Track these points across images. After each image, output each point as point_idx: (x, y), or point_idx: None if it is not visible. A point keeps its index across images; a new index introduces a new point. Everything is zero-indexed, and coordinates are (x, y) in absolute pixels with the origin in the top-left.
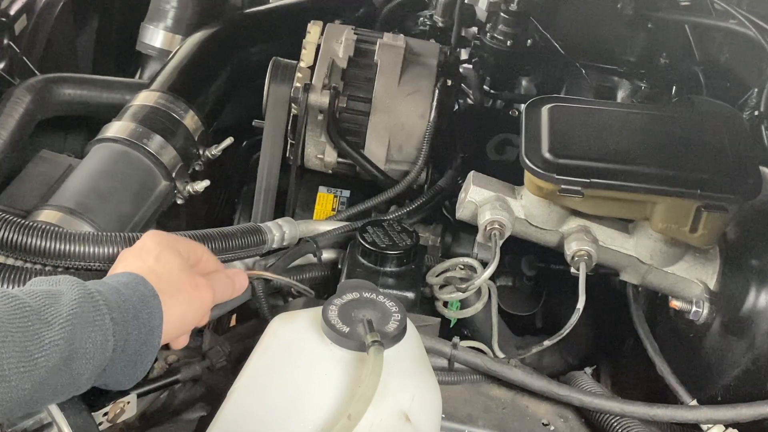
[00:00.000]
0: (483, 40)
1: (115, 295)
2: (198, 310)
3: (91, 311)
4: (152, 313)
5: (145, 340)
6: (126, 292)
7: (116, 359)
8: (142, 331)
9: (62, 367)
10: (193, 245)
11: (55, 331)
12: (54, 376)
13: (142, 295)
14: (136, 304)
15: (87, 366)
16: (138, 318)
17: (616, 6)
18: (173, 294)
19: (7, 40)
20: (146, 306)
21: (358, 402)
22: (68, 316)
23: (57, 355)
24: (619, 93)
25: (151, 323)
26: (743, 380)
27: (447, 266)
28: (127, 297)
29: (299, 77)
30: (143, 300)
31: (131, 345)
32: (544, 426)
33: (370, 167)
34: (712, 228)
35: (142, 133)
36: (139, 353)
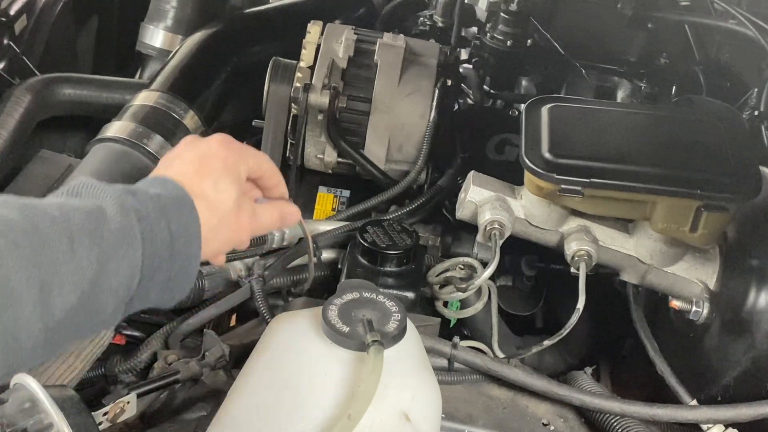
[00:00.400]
0: (483, 40)
1: (157, 219)
2: (236, 242)
3: (124, 243)
4: (191, 243)
5: (179, 269)
6: (171, 214)
7: (147, 290)
8: (176, 259)
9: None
10: (259, 160)
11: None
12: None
13: (186, 223)
14: (175, 232)
15: (110, 300)
16: (173, 246)
17: (616, 6)
18: (218, 229)
19: (7, 40)
20: (186, 236)
21: (358, 402)
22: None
23: (75, 297)
24: (619, 93)
25: (188, 251)
26: (743, 380)
27: (447, 266)
28: (167, 223)
29: (299, 77)
30: (186, 230)
31: (162, 274)
32: (544, 426)
33: (370, 167)
34: (712, 228)
35: (142, 133)
36: (172, 280)
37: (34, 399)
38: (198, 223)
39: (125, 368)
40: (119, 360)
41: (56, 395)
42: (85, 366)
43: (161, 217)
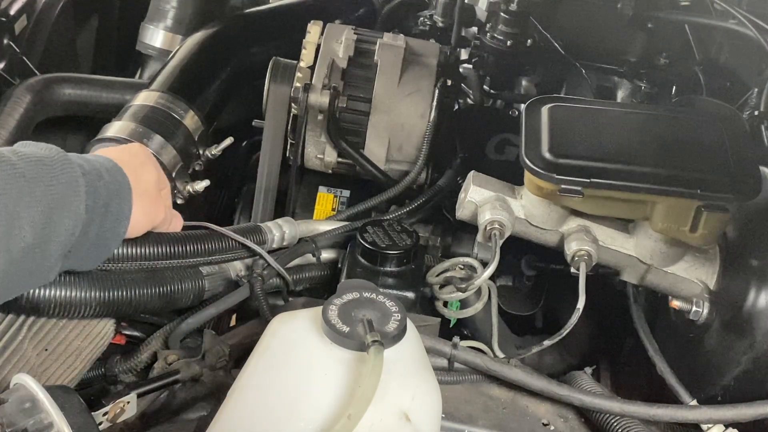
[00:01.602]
0: (483, 40)
1: (96, 180)
2: (153, 219)
3: (71, 195)
4: (123, 203)
5: (111, 227)
6: (107, 178)
7: (80, 243)
8: (109, 218)
9: (36, 249)
10: (164, 177)
11: (37, 210)
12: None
13: (119, 184)
14: (111, 191)
15: (55, 248)
16: (108, 207)
17: (616, 6)
18: (143, 199)
19: (7, 40)
20: (120, 196)
21: (358, 402)
22: (53, 196)
23: (31, 236)
24: (619, 93)
25: (120, 213)
26: (743, 380)
27: (447, 266)
28: (106, 183)
29: (299, 77)
30: (119, 190)
31: (95, 229)
32: (544, 426)
33: (370, 167)
34: (712, 228)
35: (142, 132)
36: (103, 239)
37: (34, 399)
38: (129, 187)
39: (125, 368)
40: (119, 360)
41: (56, 395)
42: (85, 366)
43: (100, 177)
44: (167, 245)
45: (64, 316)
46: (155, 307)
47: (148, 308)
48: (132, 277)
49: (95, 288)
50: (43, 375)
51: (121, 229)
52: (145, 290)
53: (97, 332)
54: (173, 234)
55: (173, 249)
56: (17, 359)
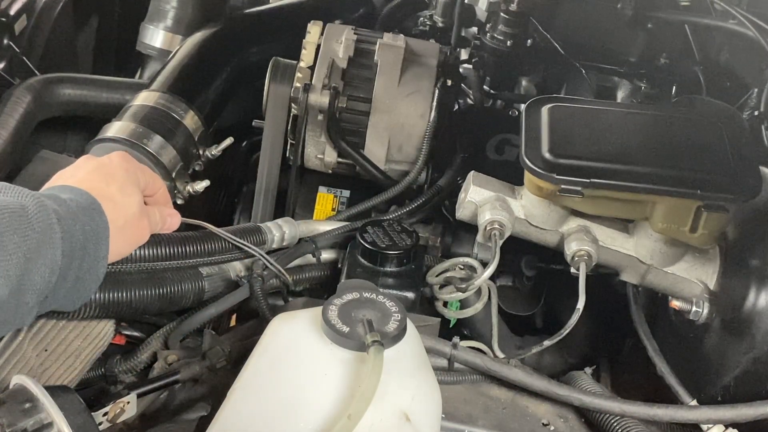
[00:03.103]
0: (483, 40)
1: (71, 222)
2: (136, 244)
3: (47, 244)
4: (100, 243)
5: (89, 268)
6: (83, 218)
7: (58, 287)
8: (86, 260)
9: (11, 300)
10: (153, 178)
11: (11, 262)
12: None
13: (96, 224)
14: (88, 233)
15: (32, 297)
16: (86, 249)
17: (616, 6)
18: (123, 230)
19: (7, 40)
20: (97, 236)
21: (358, 402)
22: (28, 246)
23: (7, 289)
24: (619, 93)
25: (97, 254)
26: (743, 380)
27: (447, 266)
28: (82, 226)
29: (299, 77)
30: (96, 230)
31: (73, 273)
32: (544, 426)
33: (370, 167)
34: (712, 228)
35: (142, 133)
36: (82, 281)
37: (34, 399)
38: (107, 225)
39: (125, 368)
40: (119, 360)
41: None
42: (85, 366)
43: (76, 220)
44: (167, 246)
45: (64, 317)
46: (155, 308)
47: (148, 309)
48: (132, 279)
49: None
50: (43, 375)
51: (99, 269)
52: (145, 291)
53: (97, 333)
54: (173, 235)
55: (173, 250)
56: (17, 359)
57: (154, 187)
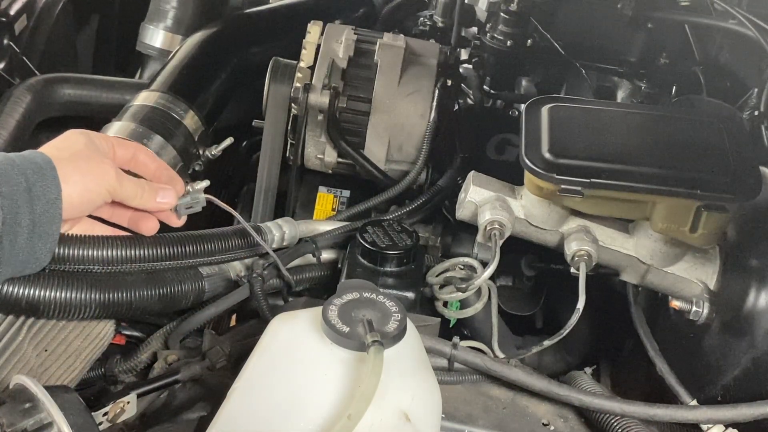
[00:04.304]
0: (483, 40)
1: (7, 168)
2: (100, 180)
3: None
4: (48, 184)
5: (43, 211)
6: (20, 163)
7: (14, 233)
8: (36, 203)
9: None
10: (131, 149)
11: None
12: None
13: (36, 165)
14: (29, 176)
15: None
16: (31, 191)
17: (616, 6)
18: (72, 160)
19: (7, 40)
20: (41, 177)
21: (358, 402)
22: None
23: None
24: (619, 93)
25: (47, 194)
26: (743, 380)
27: (447, 266)
28: (20, 169)
29: (299, 77)
30: (38, 171)
31: (25, 217)
32: (544, 426)
33: (370, 167)
34: (712, 228)
35: (142, 133)
36: (38, 224)
37: (34, 399)
38: (51, 164)
39: (125, 368)
40: (119, 360)
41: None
42: (85, 366)
43: (12, 167)
44: (167, 246)
45: (64, 318)
46: (155, 308)
47: (148, 309)
48: (132, 279)
49: (95, 289)
50: (43, 375)
51: (55, 210)
52: (145, 291)
53: (97, 333)
54: (173, 235)
55: (173, 250)
56: (17, 360)
57: (126, 152)
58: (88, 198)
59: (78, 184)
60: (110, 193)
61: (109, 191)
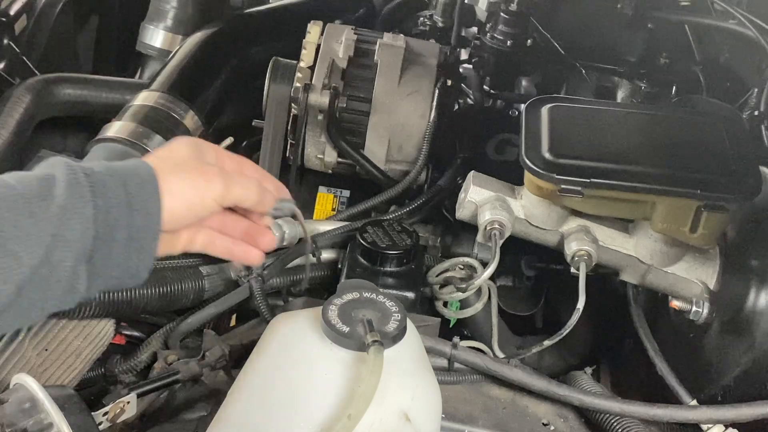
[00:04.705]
0: (483, 40)
1: (106, 178)
2: (205, 194)
3: (75, 198)
4: (148, 197)
5: (141, 225)
6: (122, 173)
7: (109, 247)
8: (135, 216)
9: (44, 260)
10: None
11: (42, 226)
12: (37, 271)
13: (138, 177)
14: (130, 187)
15: (67, 255)
16: (131, 204)
17: (616, 6)
18: (175, 171)
19: (7, 40)
20: (142, 189)
21: (358, 402)
22: (56, 208)
23: (41, 250)
24: (619, 93)
25: (147, 208)
26: (743, 380)
27: (447, 266)
28: (121, 179)
29: (299, 77)
30: (140, 183)
31: (122, 231)
32: (544, 426)
33: (370, 167)
34: (712, 228)
35: (142, 133)
36: (136, 239)
37: (34, 399)
38: (154, 176)
39: (125, 368)
40: (119, 360)
41: (56, 395)
42: (85, 366)
43: (112, 175)
44: None
45: (64, 316)
46: (155, 307)
47: (148, 308)
48: None
49: None
50: (43, 375)
51: (154, 223)
52: (145, 290)
53: (97, 332)
54: None
55: None
56: (17, 359)
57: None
58: (191, 209)
59: (181, 196)
60: (217, 203)
61: (216, 200)
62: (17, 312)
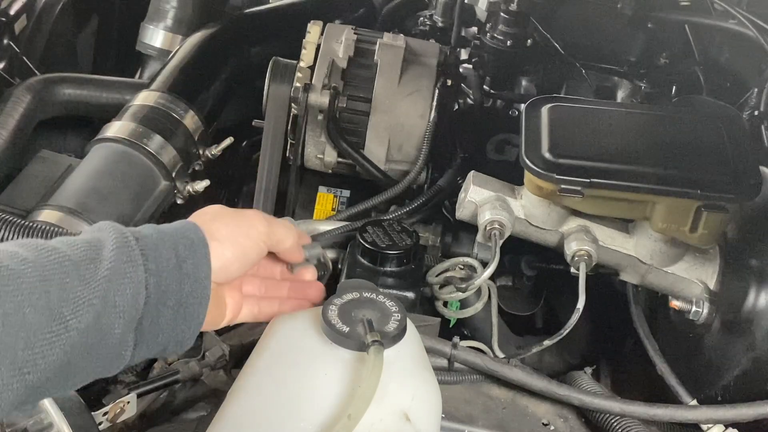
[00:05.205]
0: (483, 40)
1: (158, 242)
2: (250, 232)
3: (125, 261)
4: (199, 261)
5: (191, 290)
6: (172, 237)
7: (158, 313)
8: (186, 281)
9: (93, 325)
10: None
11: (91, 289)
12: (85, 336)
13: (188, 240)
14: (180, 251)
15: (117, 321)
16: (181, 268)
17: (616, 6)
18: (219, 219)
19: (7, 40)
20: (192, 253)
21: (358, 402)
22: (106, 271)
23: (90, 315)
24: (619, 93)
25: (197, 273)
26: (743, 380)
27: (447, 266)
28: (172, 242)
29: (299, 77)
30: (190, 246)
31: (172, 297)
32: (544, 426)
33: (370, 167)
34: (712, 228)
35: (142, 132)
36: (185, 305)
37: None
38: (204, 240)
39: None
40: None
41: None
42: None
43: (163, 238)
44: None
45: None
46: None
47: None
48: None
49: None
50: None
51: (202, 290)
52: None
53: None
54: None
55: None
56: None
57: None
58: (240, 252)
59: (229, 239)
60: (264, 242)
61: (262, 239)
62: (62, 378)
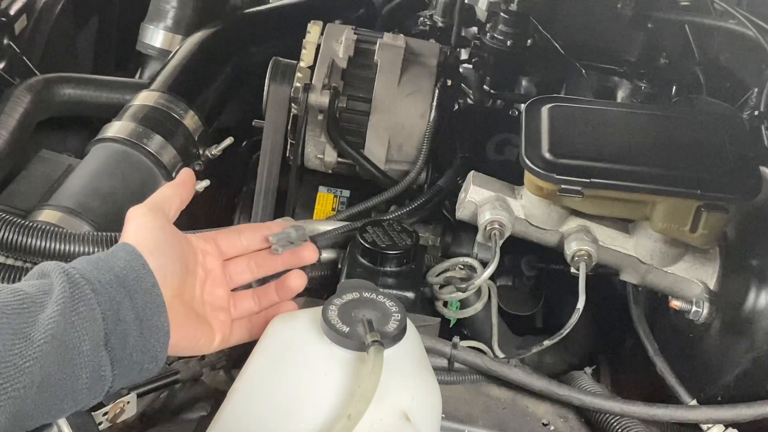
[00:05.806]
0: (483, 40)
1: (93, 268)
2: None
3: (72, 286)
4: (139, 275)
5: (144, 303)
6: (107, 261)
7: (122, 331)
8: (135, 296)
9: (58, 346)
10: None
11: (48, 310)
12: (52, 354)
13: (123, 260)
14: (118, 271)
15: (84, 338)
16: (125, 284)
17: (616, 6)
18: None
19: (7, 40)
20: (131, 270)
21: (358, 402)
22: (58, 294)
23: (51, 330)
24: (619, 93)
25: (142, 285)
26: (743, 380)
27: (447, 266)
28: (108, 266)
29: (299, 77)
30: (126, 265)
31: (127, 312)
32: (544, 426)
33: (370, 167)
34: (712, 228)
35: (142, 132)
36: (144, 318)
37: None
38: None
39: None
40: None
41: None
42: None
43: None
44: None
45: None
46: None
47: None
48: None
49: None
50: None
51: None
52: None
53: None
54: None
55: None
56: None
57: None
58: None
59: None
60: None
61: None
62: (44, 406)
